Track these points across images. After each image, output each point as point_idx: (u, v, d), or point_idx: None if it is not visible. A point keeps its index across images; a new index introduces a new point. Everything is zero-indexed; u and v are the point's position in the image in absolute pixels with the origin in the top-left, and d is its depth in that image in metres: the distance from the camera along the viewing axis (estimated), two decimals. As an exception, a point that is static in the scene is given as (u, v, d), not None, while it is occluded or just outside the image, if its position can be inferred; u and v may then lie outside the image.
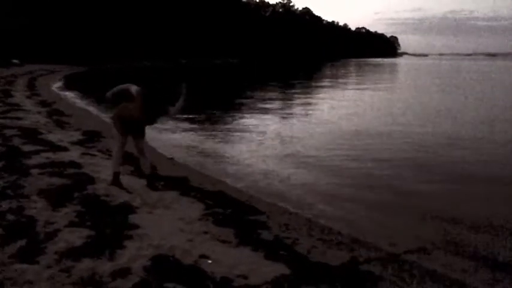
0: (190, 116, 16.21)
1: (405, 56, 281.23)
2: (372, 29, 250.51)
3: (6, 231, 4.17)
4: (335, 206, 6.49)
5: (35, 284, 3.30)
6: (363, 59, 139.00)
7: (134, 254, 3.83)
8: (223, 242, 4.31)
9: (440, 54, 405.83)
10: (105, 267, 3.58)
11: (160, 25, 79.55)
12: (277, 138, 12.02)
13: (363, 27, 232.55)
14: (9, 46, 51.98)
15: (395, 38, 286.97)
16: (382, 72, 62.48)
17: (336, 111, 18.23)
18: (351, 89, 30.25)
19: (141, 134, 5.83)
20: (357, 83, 36.99)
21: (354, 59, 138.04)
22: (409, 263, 4.30)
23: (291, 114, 17.56)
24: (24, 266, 3.54)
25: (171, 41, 79.94)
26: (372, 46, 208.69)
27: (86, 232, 4.25)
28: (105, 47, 66.68)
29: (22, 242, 3.94)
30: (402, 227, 5.67)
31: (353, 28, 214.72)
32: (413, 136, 12.37)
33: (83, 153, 7.96)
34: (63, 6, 63.67)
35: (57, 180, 5.98)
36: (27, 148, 7.99)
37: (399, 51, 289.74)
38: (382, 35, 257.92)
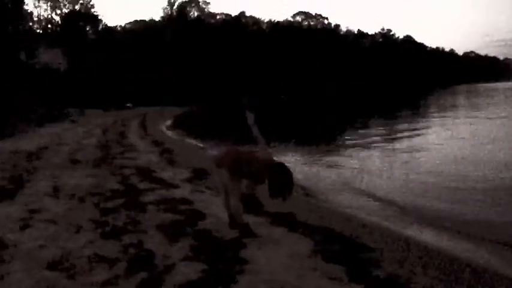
0: (294, 151, 16.39)
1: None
2: (482, 53, 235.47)
3: (129, 264, 4.48)
4: (456, 236, 6.16)
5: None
6: (474, 85, 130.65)
7: (247, 289, 3.90)
8: (334, 279, 4.22)
9: None
10: (220, 301, 3.69)
11: (259, 62, 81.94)
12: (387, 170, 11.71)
13: (472, 51, 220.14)
14: (124, 92, 56.90)
15: (510, 61, 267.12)
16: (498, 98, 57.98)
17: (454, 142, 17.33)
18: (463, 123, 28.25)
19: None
20: (469, 115, 34.33)
21: (462, 85, 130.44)
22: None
23: (399, 148, 17.02)
24: (147, 297, 3.77)
25: (270, 77, 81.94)
26: (483, 70, 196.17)
27: (200, 266, 4.41)
28: (204, 88, 70.02)
29: (144, 274, 4.20)
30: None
31: (460, 53, 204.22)
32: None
33: (193, 190, 8.32)
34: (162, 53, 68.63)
35: (171, 216, 6.32)
36: (142, 186, 8.57)
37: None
38: (493, 58, 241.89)
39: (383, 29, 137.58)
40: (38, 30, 62.26)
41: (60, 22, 65.56)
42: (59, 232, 5.55)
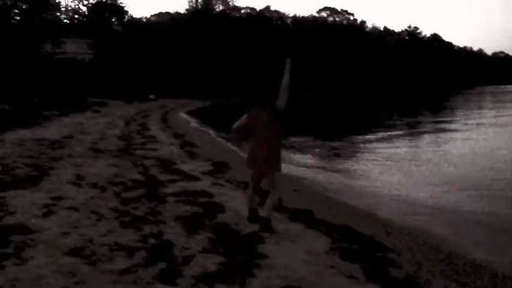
0: (315, 148, 16.33)
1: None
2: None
3: (148, 254, 4.53)
4: (477, 242, 6.07)
5: (175, 305, 3.54)
6: (502, 86, 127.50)
7: (264, 284, 3.91)
8: (351, 277, 4.21)
9: None
10: (236, 294, 3.71)
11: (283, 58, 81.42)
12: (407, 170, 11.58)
13: (501, 51, 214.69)
14: (147, 83, 57.29)
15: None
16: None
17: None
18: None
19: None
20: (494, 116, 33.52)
21: (490, 86, 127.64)
22: None
23: (420, 146, 16.81)
24: (166, 287, 3.82)
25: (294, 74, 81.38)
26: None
27: (218, 259, 4.45)
28: (228, 82, 69.90)
29: (162, 265, 4.25)
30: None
31: (489, 53, 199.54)
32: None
33: (213, 183, 8.37)
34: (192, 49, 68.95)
35: (190, 208, 6.38)
36: (163, 177, 8.65)
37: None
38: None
39: (409, 27, 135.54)
40: (65, 21, 63.11)
41: (86, 13, 66.37)
42: (80, 220, 5.65)
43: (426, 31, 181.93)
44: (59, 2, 46.71)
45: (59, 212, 5.97)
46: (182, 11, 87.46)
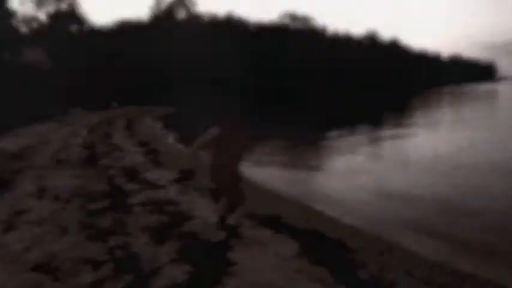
0: (280, 154, 16.42)
1: (506, 82, 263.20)
2: (466, 54, 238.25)
3: (115, 267, 4.47)
4: (437, 242, 6.23)
5: (142, 318, 3.51)
6: (457, 86, 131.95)
7: (234, 291, 3.93)
8: (320, 281, 4.27)
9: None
10: (206, 304, 3.71)
11: (246, 63, 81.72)
12: (370, 175, 11.79)
13: (457, 54, 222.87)
14: (108, 91, 56.49)
15: (492, 63, 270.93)
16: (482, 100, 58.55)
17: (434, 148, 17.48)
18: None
19: None
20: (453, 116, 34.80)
21: (446, 87, 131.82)
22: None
23: (383, 152, 17.12)
24: (134, 300, 3.77)
25: (257, 78, 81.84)
26: (466, 72, 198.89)
27: (186, 268, 4.43)
28: (191, 88, 69.58)
29: (129, 277, 4.20)
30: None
31: (445, 55, 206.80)
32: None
33: (180, 191, 8.32)
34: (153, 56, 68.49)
35: (157, 218, 6.32)
36: (129, 187, 8.54)
37: (498, 76, 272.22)
38: (476, 60, 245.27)
39: (370, 31, 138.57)
40: (23, 29, 61.50)
41: (45, 21, 64.90)
42: (43, 234, 5.52)
43: (385, 35, 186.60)
44: (15, 11, 45.47)
45: (20, 226, 5.82)
46: (144, 18, 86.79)
